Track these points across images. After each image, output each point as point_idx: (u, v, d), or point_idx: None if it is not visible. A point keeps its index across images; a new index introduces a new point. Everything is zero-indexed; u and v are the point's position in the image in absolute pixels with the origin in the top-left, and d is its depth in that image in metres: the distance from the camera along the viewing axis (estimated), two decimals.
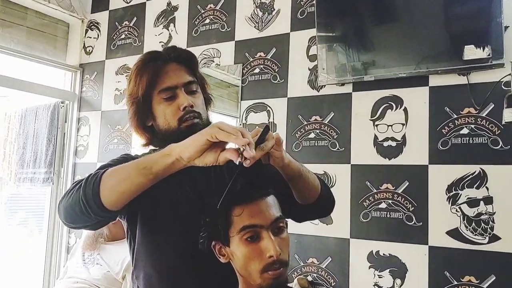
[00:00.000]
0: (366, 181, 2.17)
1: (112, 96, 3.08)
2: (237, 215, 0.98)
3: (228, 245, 1.01)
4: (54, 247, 3.10)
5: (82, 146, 3.17)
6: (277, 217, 1.00)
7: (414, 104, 2.10)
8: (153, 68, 1.14)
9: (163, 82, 1.13)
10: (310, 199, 1.16)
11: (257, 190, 1.02)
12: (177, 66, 1.16)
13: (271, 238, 0.97)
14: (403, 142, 2.11)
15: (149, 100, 1.14)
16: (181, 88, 1.14)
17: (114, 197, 0.97)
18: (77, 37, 3.26)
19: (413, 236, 2.03)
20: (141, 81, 1.14)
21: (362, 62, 2.16)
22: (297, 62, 2.41)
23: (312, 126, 2.34)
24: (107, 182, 0.97)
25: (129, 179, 0.96)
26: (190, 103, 1.12)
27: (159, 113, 1.14)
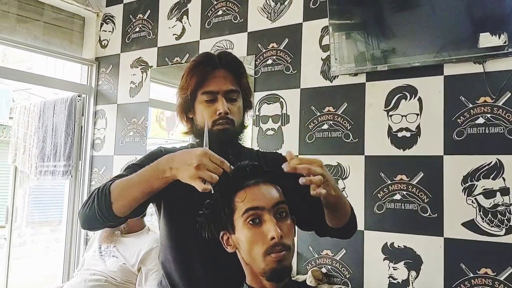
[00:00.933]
0: (380, 172, 2.18)
1: (127, 89, 3.15)
2: (241, 201, 1.04)
3: (233, 232, 1.06)
4: (73, 238, 3.21)
5: (99, 139, 3.25)
6: (279, 200, 1.05)
7: (428, 93, 2.10)
8: (203, 71, 1.27)
9: (208, 85, 1.26)
10: (336, 223, 1.23)
11: (259, 175, 1.08)
12: (224, 73, 1.28)
13: (272, 220, 1.02)
14: (417, 132, 2.11)
15: (194, 98, 1.29)
16: (222, 94, 1.26)
17: (126, 210, 1.14)
18: (93, 31, 3.34)
19: (428, 227, 2.04)
20: (191, 81, 1.28)
21: (382, 50, 2.16)
22: (310, 52, 2.43)
23: (325, 117, 2.36)
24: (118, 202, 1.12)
25: (136, 200, 1.13)
26: (226, 110, 1.25)
27: (199, 111, 1.29)
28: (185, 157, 1.06)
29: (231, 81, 1.29)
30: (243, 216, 1.03)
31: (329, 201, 1.12)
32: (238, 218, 1.05)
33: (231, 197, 1.06)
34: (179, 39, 2.93)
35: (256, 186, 1.06)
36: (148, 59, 3.07)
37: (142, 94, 3.08)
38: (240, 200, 1.05)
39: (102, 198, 1.13)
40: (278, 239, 0.99)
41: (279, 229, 1.01)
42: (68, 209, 3.23)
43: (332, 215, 1.19)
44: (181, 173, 1.05)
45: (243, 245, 1.05)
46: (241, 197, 1.05)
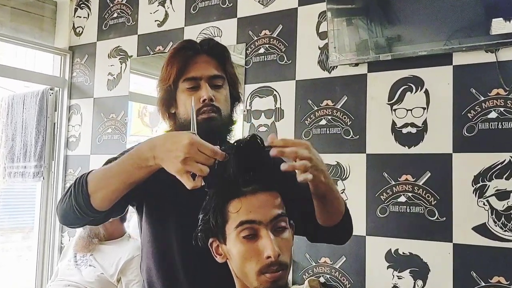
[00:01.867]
0: (383, 172, 2.17)
1: (105, 81, 3.11)
2: (235, 211, 1.00)
3: (224, 243, 1.03)
4: (47, 246, 3.18)
5: (74, 137, 3.21)
6: (278, 214, 1.01)
7: (436, 85, 2.09)
8: (184, 57, 1.26)
9: (189, 71, 1.25)
10: (329, 221, 1.21)
11: (258, 181, 1.03)
12: (207, 59, 1.28)
13: (269, 237, 0.97)
14: (424, 128, 2.10)
15: (175, 88, 1.27)
16: (205, 80, 1.25)
17: (105, 204, 1.12)
18: (66, 17, 3.29)
19: (436, 232, 2.04)
20: (172, 69, 1.26)
21: (386, 38, 2.14)
22: (306, 40, 2.41)
23: (323, 112, 2.34)
24: (96, 193, 1.10)
25: (116, 192, 1.10)
26: (210, 97, 1.23)
27: (181, 101, 1.27)
28: (168, 146, 1.00)
29: (214, 66, 1.28)
30: (236, 229, 0.99)
31: (318, 190, 1.09)
32: (230, 230, 1.01)
33: (224, 205, 1.02)
34: (161, 25, 2.90)
35: (253, 196, 1.01)
36: (127, 48, 3.04)
37: (121, 86, 3.04)
38: (234, 211, 1.00)
39: (79, 189, 1.11)
40: (275, 259, 0.96)
41: (277, 245, 0.97)
42: (40, 214, 3.19)
43: (323, 209, 1.16)
44: (166, 164, 1.01)
45: (234, 259, 1.01)
46: (235, 206, 1.00)
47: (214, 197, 1.04)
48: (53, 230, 3.19)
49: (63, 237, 3.18)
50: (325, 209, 1.17)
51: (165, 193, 1.21)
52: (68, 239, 3.07)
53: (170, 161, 0.99)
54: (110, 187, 1.09)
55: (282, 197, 1.06)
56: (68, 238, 3.10)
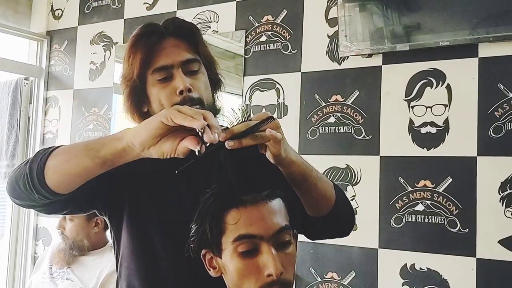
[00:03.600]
0: (399, 177, 2.18)
1: (86, 70, 3.11)
2: (233, 223, 0.99)
3: (219, 255, 1.02)
4: (18, 256, 3.17)
5: (51, 133, 3.21)
6: (282, 227, 1.00)
7: (459, 80, 2.09)
8: (147, 44, 1.20)
9: (157, 60, 1.19)
10: (318, 211, 1.19)
11: (260, 189, 1.02)
12: (175, 42, 1.22)
13: (271, 252, 0.97)
14: (445, 128, 2.11)
15: (144, 82, 1.21)
16: (178, 67, 1.19)
17: (57, 178, 1.05)
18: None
19: (458, 246, 2.04)
20: (135, 60, 1.20)
21: (403, 26, 2.15)
22: (314, 27, 2.41)
23: (332, 108, 2.35)
24: (53, 160, 1.05)
25: (74, 159, 1.04)
26: (187, 86, 1.17)
27: (153, 97, 1.21)
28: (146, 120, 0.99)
29: (186, 49, 1.22)
30: (234, 243, 0.99)
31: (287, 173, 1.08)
32: (227, 243, 1.00)
33: (220, 215, 1.01)
34: (151, 9, 2.90)
35: (254, 206, 1.00)
36: (112, 33, 3.04)
37: (105, 77, 3.05)
38: (233, 222, 0.99)
39: (40, 156, 1.07)
40: (277, 277, 0.96)
41: (279, 262, 0.97)
42: (11, 219, 3.19)
43: (305, 196, 1.15)
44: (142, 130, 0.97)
45: (231, 275, 1.01)
46: (234, 217, 0.99)
47: (209, 205, 1.03)
48: (26, 238, 3.19)
49: (37, 246, 3.18)
50: (308, 196, 1.15)
51: (151, 195, 1.19)
52: (43, 249, 3.08)
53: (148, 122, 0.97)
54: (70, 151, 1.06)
55: (285, 203, 1.05)
56: (43, 247, 3.10)
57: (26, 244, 3.18)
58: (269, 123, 0.99)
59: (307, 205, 1.18)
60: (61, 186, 1.06)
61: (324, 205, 1.18)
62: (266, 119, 0.99)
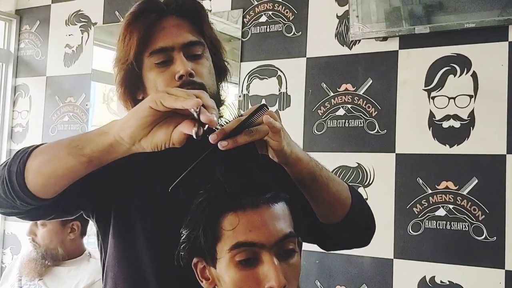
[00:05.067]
0: (418, 177, 2.18)
1: (61, 55, 3.11)
2: (230, 229, 0.99)
3: (214, 266, 1.02)
4: None
5: (20, 127, 3.22)
6: (286, 234, 1.00)
7: (487, 67, 2.09)
8: (145, 22, 1.20)
9: (156, 41, 1.20)
10: (332, 216, 1.18)
11: (261, 191, 1.02)
12: (177, 21, 1.22)
13: (273, 263, 0.97)
14: (470, 122, 2.11)
15: (140, 66, 1.22)
16: (179, 50, 1.20)
17: (39, 181, 1.05)
18: None
19: (484, 256, 2.04)
20: (131, 41, 1.20)
21: (423, 5, 2.16)
22: (321, 6, 2.41)
23: (341, 99, 2.35)
24: (33, 161, 1.05)
25: (57, 159, 1.04)
26: (188, 71, 1.17)
27: (149, 82, 1.22)
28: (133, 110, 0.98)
29: (188, 30, 1.22)
30: (231, 252, 0.98)
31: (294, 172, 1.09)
32: (223, 251, 1.00)
33: (216, 219, 1.01)
34: None
35: (254, 210, 0.99)
36: (90, 13, 3.04)
37: (82, 63, 3.05)
38: (230, 228, 0.99)
39: (19, 157, 1.07)
40: None
41: (282, 274, 0.96)
42: None
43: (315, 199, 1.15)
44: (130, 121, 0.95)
45: (226, 287, 1.01)
46: (231, 222, 0.99)
47: (204, 207, 1.02)
48: None
49: (4, 255, 3.18)
50: (319, 199, 1.15)
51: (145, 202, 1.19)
52: (11, 258, 3.07)
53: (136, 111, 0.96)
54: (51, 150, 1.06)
55: (290, 207, 1.05)
56: (11, 257, 3.09)
57: None
58: (263, 114, 0.98)
59: (318, 210, 1.17)
60: (44, 190, 1.06)
61: (337, 209, 1.17)
62: (259, 109, 0.97)
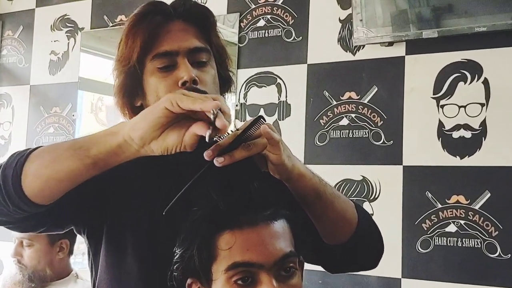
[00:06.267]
0: (426, 191, 2.18)
1: (46, 62, 3.12)
2: (226, 248, 1.00)
3: (208, 285, 1.03)
4: None
5: (2, 139, 3.22)
6: (286, 253, 1.01)
7: (499, 73, 2.10)
8: (150, 24, 1.22)
9: (160, 44, 1.21)
10: (337, 236, 1.20)
11: (260, 208, 1.03)
12: (183, 26, 1.24)
13: (272, 285, 0.98)
14: (482, 131, 2.12)
15: (141, 70, 1.23)
16: (184, 55, 1.21)
17: (37, 185, 1.04)
18: None
19: (498, 274, 2.04)
20: (134, 43, 1.22)
21: (432, 7, 2.16)
22: (322, 9, 2.42)
23: (344, 108, 2.35)
24: (32, 163, 1.05)
25: (58, 161, 1.03)
26: (192, 77, 1.18)
27: (150, 88, 1.22)
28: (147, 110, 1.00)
29: (195, 36, 1.24)
30: (227, 273, 0.99)
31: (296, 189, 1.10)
32: (219, 272, 1.00)
33: (211, 238, 1.02)
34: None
35: (252, 228, 1.00)
36: (77, 17, 3.06)
37: (69, 70, 3.06)
38: (226, 247, 0.99)
39: (14, 161, 1.06)
40: None
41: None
42: None
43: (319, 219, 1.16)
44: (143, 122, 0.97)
45: None
46: (228, 242, 1.00)
47: (199, 225, 1.03)
48: None
49: None
50: (324, 218, 1.16)
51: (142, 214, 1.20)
52: None
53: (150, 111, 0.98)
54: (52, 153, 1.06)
55: (291, 224, 1.06)
56: None
57: None
58: (259, 126, 0.99)
59: (323, 229, 1.18)
60: (42, 194, 1.05)
61: (343, 229, 1.19)
62: (255, 122, 0.99)
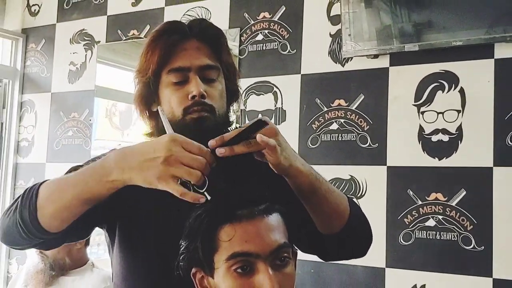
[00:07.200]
0: (408, 189, 2.18)
1: (65, 72, 3.12)
2: (226, 240, 1.00)
3: (211, 274, 1.03)
4: None
5: (26, 141, 3.22)
6: (280, 244, 1.01)
7: (474, 83, 2.10)
8: (168, 42, 1.26)
9: (175, 60, 1.25)
10: (330, 227, 1.21)
11: (256, 203, 1.04)
12: (197, 44, 1.28)
13: (268, 272, 0.98)
14: (458, 135, 2.11)
15: (157, 81, 1.28)
16: (195, 72, 1.25)
17: (57, 223, 1.12)
18: None
19: (472, 265, 2.04)
20: (152, 57, 1.26)
21: (413, 23, 2.17)
22: (315, 25, 2.43)
23: (334, 114, 2.35)
24: (45, 208, 1.11)
25: (69, 209, 1.11)
26: (200, 92, 1.22)
27: (164, 98, 1.27)
28: (145, 150, 1.03)
29: (207, 54, 1.27)
30: (228, 262, 0.99)
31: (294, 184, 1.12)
32: (220, 262, 1.01)
33: (213, 231, 1.02)
34: (136, 5, 2.92)
35: (249, 221, 1.01)
36: (94, 32, 3.06)
37: (86, 79, 3.06)
38: (226, 239, 1.00)
39: (27, 201, 1.12)
40: None
41: (277, 283, 0.97)
42: None
43: (314, 211, 1.18)
44: (140, 175, 1.02)
45: None
46: (228, 234, 1.00)
47: (201, 220, 1.03)
48: None
49: (10, 265, 3.17)
50: (318, 210, 1.18)
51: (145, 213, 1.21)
52: (17, 268, 3.06)
53: (147, 167, 1.00)
54: (62, 201, 1.10)
55: (284, 218, 1.06)
56: (17, 267, 3.08)
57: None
58: (263, 128, 1.01)
59: (318, 220, 1.20)
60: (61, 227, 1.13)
61: (336, 220, 1.20)
62: (259, 123, 1.01)
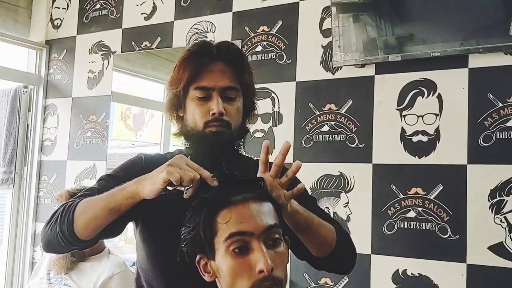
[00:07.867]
0: (391, 184, 2.19)
1: (85, 79, 3.13)
2: (224, 222, 1.03)
3: (213, 258, 1.05)
4: (16, 262, 3.17)
5: (49, 141, 3.22)
6: (271, 225, 1.04)
7: (450, 89, 2.11)
8: (197, 63, 1.33)
9: (202, 80, 1.32)
10: (320, 252, 1.30)
11: (250, 189, 1.07)
12: (222, 67, 1.34)
13: (262, 249, 1.00)
14: (436, 136, 2.12)
15: (186, 93, 1.35)
16: (218, 91, 1.31)
17: (89, 233, 1.21)
18: (43, 8, 3.30)
19: (448, 252, 2.05)
20: (183, 75, 1.33)
21: (396, 36, 2.17)
22: (308, 38, 2.43)
23: (325, 117, 2.36)
24: (80, 220, 1.20)
25: (99, 219, 1.18)
26: (220, 110, 1.29)
27: (189, 109, 1.35)
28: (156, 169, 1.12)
29: (229, 77, 1.33)
30: (226, 242, 1.02)
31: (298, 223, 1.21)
32: (219, 243, 1.03)
33: (212, 216, 1.04)
34: (148, 19, 2.92)
35: (244, 205, 1.04)
36: (110, 43, 3.06)
37: (103, 85, 3.06)
38: (223, 222, 1.03)
39: (66, 218, 1.19)
40: (268, 273, 0.98)
41: (270, 259, 1.00)
42: (10, 225, 3.18)
43: (307, 242, 1.26)
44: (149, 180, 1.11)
45: (224, 276, 1.03)
46: (225, 217, 1.03)
47: (202, 208, 1.06)
48: (24, 244, 3.19)
49: (35, 252, 3.18)
50: (310, 241, 1.26)
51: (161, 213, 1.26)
52: (41, 254, 3.07)
53: (153, 177, 1.09)
54: (92, 213, 1.18)
55: (275, 207, 1.10)
56: (41, 253, 3.09)
57: (24, 250, 3.18)
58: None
59: (310, 247, 1.29)
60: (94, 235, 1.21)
61: (325, 248, 1.29)
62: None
